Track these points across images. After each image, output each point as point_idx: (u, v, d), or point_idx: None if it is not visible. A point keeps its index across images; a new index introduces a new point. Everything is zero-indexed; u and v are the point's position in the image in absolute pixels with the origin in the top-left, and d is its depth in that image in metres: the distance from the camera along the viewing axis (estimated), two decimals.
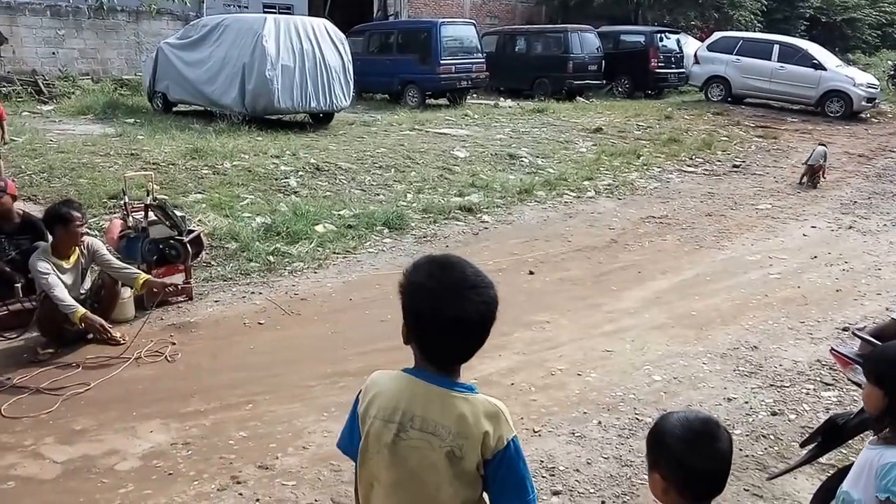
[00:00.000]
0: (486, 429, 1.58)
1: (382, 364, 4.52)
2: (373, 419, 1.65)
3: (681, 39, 20.49)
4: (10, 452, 3.57)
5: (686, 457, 1.61)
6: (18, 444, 3.65)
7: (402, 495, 1.64)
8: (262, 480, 3.38)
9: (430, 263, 1.65)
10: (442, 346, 1.63)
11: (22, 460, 3.51)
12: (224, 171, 8.71)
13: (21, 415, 3.92)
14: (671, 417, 1.68)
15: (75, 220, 4.75)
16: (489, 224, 8.04)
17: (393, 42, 17.38)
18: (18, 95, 14.09)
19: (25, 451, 3.59)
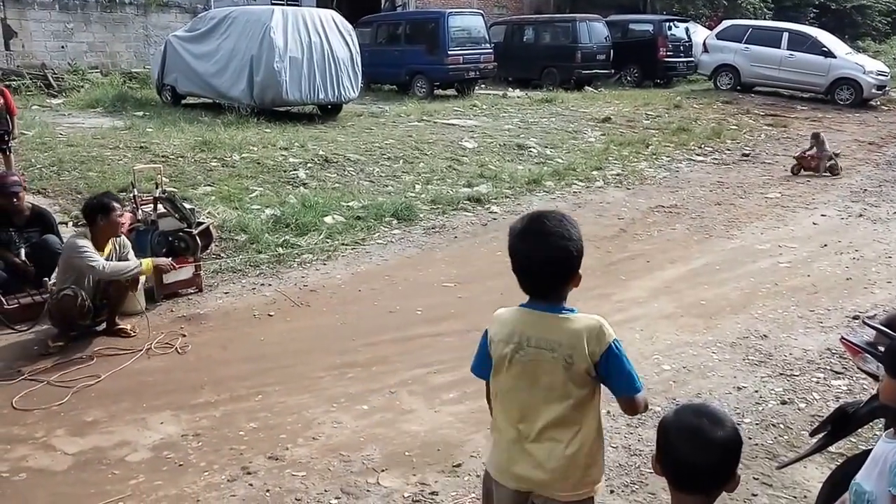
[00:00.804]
0: (588, 338, 1.98)
1: (391, 355, 4.61)
2: (497, 343, 2.09)
3: (689, 28, 20.32)
4: (21, 444, 3.60)
5: (673, 448, 1.64)
6: (30, 436, 3.68)
7: (524, 398, 2.07)
8: (272, 471, 3.40)
9: (525, 218, 2.06)
10: (537, 281, 2.04)
11: (33, 452, 3.54)
12: (233, 164, 8.73)
13: (32, 407, 3.95)
14: (677, 411, 1.70)
15: (116, 210, 4.78)
16: (498, 215, 8.02)
17: (401, 33, 17.32)
18: (28, 89, 14.15)
19: (37, 442, 3.62)
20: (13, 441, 3.62)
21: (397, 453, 3.55)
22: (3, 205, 5.36)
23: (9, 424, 3.78)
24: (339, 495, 3.23)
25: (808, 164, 10.05)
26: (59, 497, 3.19)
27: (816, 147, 10.14)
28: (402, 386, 4.23)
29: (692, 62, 19.38)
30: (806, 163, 10.05)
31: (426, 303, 5.54)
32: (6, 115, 7.61)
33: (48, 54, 15.82)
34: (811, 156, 10.09)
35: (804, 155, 10.13)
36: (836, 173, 10.06)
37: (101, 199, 4.82)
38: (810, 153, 10.11)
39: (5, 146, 7.61)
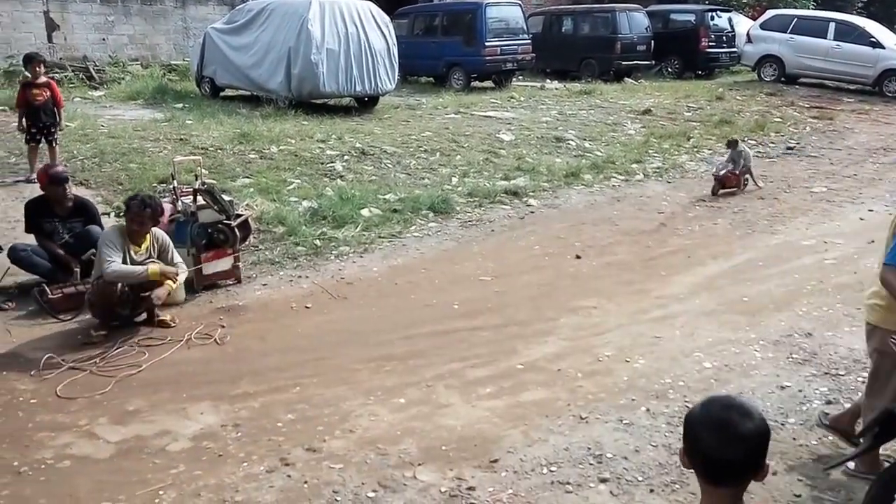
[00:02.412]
0: None
1: (428, 348, 4.60)
2: None
3: (732, 18, 19.85)
4: (65, 432, 3.67)
5: (701, 440, 1.61)
6: (73, 423, 3.75)
7: None
8: (310, 463, 3.41)
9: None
10: None
11: (77, 440, 3.60)
12: (271, 156, 8.79)
13: (76, 395, 4.02)
14: (703, 404, 1.67)
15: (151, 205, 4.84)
16: (535, 208, 7.95)
17: (438, 24, 17.23)
18: (70, 81, 14.41)
19: (80, 430, 3.69)
20: (57, 429, 3.69)
21: (434, 447, 3.54)
22: (51, 195, 5.46)
23: (53, 412, 3.85)
24: (375, 488, 3.23)
25: (730, 183, 8.62)
26: (102, 484, 3.24)
27: (734, 159, 8.71)
28: (439, 380, 4.21)
29: (735, 53, 18.92)
30: (728, 182, 8.59)
31: (463, 296, 5.52)
32: (53, 108, 7.75)
33: (89, 47, 16.10)
34: (731, 174, 8.61)
35: (727, 174, 8.56)
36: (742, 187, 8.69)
37: (141, 194, 4.90)
38: (730, 170, 8.62)
39: (52, 138, 7.76)
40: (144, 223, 4.83)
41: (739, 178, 8.62)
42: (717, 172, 8.61)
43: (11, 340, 4.70)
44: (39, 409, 3.89)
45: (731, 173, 8.58)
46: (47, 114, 7.68)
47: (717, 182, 8.55)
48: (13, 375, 4.24)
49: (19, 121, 7.73)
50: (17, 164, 8.15)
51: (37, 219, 5.52)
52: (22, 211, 5.79)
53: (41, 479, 3.28)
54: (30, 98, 7.61)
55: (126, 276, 4.69)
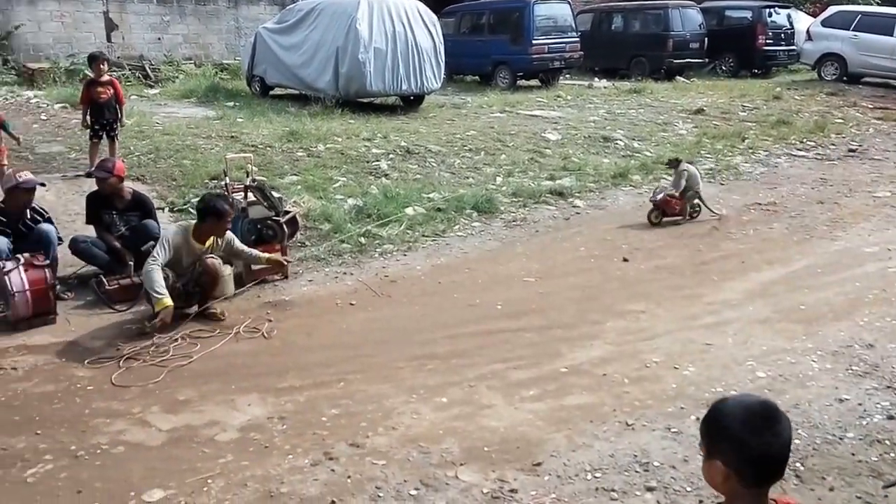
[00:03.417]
0: None
1: (471, 348, 4.58)
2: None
3: (791, 15, 19.28)
4: (119, 419, 3.77)
5: (750, 440, 1.56)
6: (127, 411, 3.85)
7: None
8: (353, 458, 3.43)
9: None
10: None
11: (130, 427, 3.70)
12: (318, 154, 8.90)
13: (130, 384, 4.13)
14: (727, 402, 1.63)
15: (227, 216, 4.99)
16: (581, 209, 7.86)
17: (485, 22, 17.21)
18: (127, 80, 14.83)
19: (133, 418, 3.79)
20: (112, 415, 3.80)
21: (476, 448, 3.52)
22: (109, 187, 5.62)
23: (108, 399, 3.96)
24: (418, 486, 3.23)
25: (672, 209, 7.31)
26: (153, 471, 3.32)
27: (676, 180, 7.40)
28: (481, 380, 4.20)
29: (794, 51, 18.43)
30: (669, 207, 7.29)
31: (506, 297, 5.48)
32: (115, 105, 7.98)
33: (146, 46, 16.55)
34: (671, 197, 7.28)
35: (666, 198, 7.27)
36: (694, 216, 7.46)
37: (217, 203, 5.00)
38: (669, 193, 7.29)
39: (113, 134, 7.99)
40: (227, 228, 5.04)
41: (683, 204, 7.31)
42: (654, 197, 7.27)
43: (70, 329, 4.86)
44: (95, 395, 4.01)
45: (670, 197, 7.22)
46: (110, 111, 7.91)
47: (654, 208, 7.23)
48: (71, 363, 4.38)
49: (83, 117, 7.97)
50: (77, 160, 8.43)
51: (97, 211, 5.69)
52: (81, 204, 5.99)
53: (97, 464, 3.38)
54: (94, 95, 7.84)
55: (146, 283, 4.73)
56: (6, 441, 3.55)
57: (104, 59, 8.23)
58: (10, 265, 4.90)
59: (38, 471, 3.32)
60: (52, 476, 3.29)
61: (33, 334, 4.78)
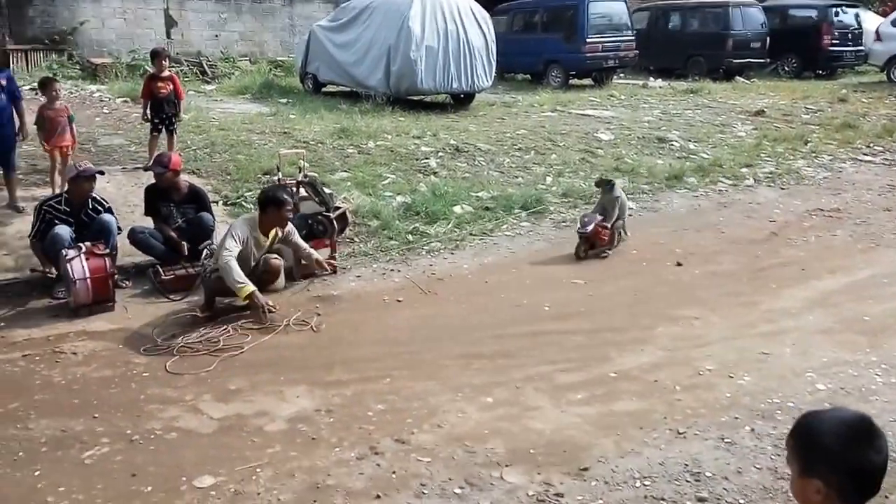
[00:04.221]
0: None
1: (517, 349, 4.55)
2: None
3: (859, 14, 18.58)
4: (173, 406, 3.86)
5: (853, 458, 1.50)
6: (180, 398, 3.94)
7: None
8: (399, 454, 3.44)
9: None
10: None
11: (183, 414, 3.79)
12: (368, 151, 8.95)
13: (183, 371, 4.23)
14: (821, 417, 1.57)
15: (287, 206, 5.09)
16: (633, 211, 7.67)
17: (537, 21, 17.08)
18: (185, 75, 15.19)
19: (186, 405, 3.87)
20: (166, 402, 3.89)
21: (521, 449, 3.49)
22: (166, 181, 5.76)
23: (163, 386, 4.06)
24: (462, 485, 3.22)
25: (601, 240, 6.28)
26: (205, 458, 3.39)
27: (606, 206, 6.39)
28: (528, 382, 4.16)
29: (861, 52, 17.77)
30: (599, 239, 6.27)
31: (554, 298, 5.42)
32: (174, 100, 8.18)
33: (203, 43, 16.96)
34: (602, 227, 6.25)
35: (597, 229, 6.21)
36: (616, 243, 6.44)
37: (277, 193, 5.13)
38: (599, 222, 6.23)
39: (172, 128, 8.19)
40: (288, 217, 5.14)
41: (613, 233, 6.32)
42: (583, 228, 6.17)
43: (127, 317, 5.01)
44: (150, 382, 4.12)
45: (601, 226, 6.18)
46: (169, 105, 8.10)
47: (582, 240, 6.20)
48: (128, 349, 4.51)
49: (143, 111, 8.18)
50: (136, 152, 8.65)
51: (155, 203, 5.84)
52: (140, 196, 6.15)
53: (150, 448, 3.47)
54: (154, 90, 8.03)
55: (226, 276, 4.82)
56: (66, 423, 3.67)
57: (166, 55, 8.44)
58: (73, 253, 5.06)
59: (94, 453, 3.43)
60: (108, 459, 3.39)
61: (92, 321, 4.93)
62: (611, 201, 6.37)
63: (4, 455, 3.40)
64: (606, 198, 6.43)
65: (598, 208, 6.46)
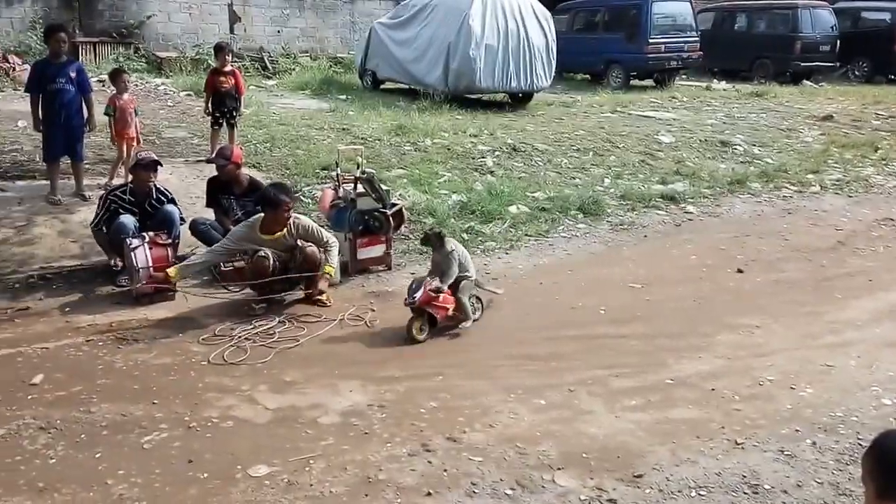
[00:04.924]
0: None
1: (571, 352, 4.50)
2: None
3: None
4: (229, 395, 3.94)
5: None
6: (237, 388, 4.02)
7: None
8: (450, 452, 3.44)
9: None
10: None
11: (239, 403, 3.86)
12: (425, 149, 8.98)
13: (240, 362, 4.32)
14: None
15: (283, 206, 5.12)
16: (694, 215, 7.55)
17: (599, 20, 16.89)
18: (247, 70, 15.49)
19: (242, 395, 3.95)
20: (223, 391, 3.98)
21: (574, 453, 3.45)
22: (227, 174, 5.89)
23: (220, 375, 4.16)
24: (514, 486, 3.20)
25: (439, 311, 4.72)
26: (259, 447, 3.45)
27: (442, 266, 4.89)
28: (582, 385, 4.10)
29: None
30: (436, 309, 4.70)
31: (610, 302, 5.35)
32: (235, 94, 8.34)
33: (265, 38, 17.27)
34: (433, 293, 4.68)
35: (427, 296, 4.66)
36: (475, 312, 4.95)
37: (270, 192, 5.19)
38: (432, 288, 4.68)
39: (233, 121, 8.35)
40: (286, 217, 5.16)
41: (459, 300, 4.82)
42: (411, 299, 4.68)
43: (188, 307, 5.13)
44: (208, 371, 4.22)
45: (431, 293, 4.66)
46: (230, 99, 8.26)
47: (415, 314, 4.69)
48: (187, 338, 4.63)
49: (206, 104, 8.38)
50: (199, 145, 8.87)
51: (216, 195, 5.97)
52: (202, 188, 6.30)
53: (207, 436, 3.55)
54: (217, 84, 8.20)
55: None
56: (126, 408, 3.77)
57: (229, 51, 8.62)
58: (137, 242, 5.21)
59: (153, 438, 3.52)
60: (166, 444, 3.47)
61: (154, 309, 5.08)
62: (445, 258, 4.86)
63: (68, 437, 3.51)
64: (438, 255, 4.94)
65: (433, 269, 4.98)
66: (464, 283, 4.89)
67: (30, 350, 4.39)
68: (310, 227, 5.30)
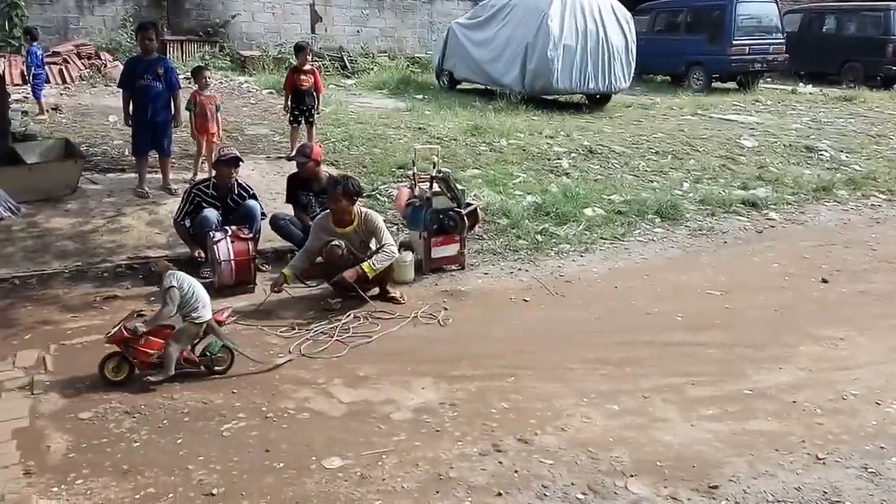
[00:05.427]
0: None
1: (646, 358, 4.43)
2: None
3: None
4: (306, 387, 4.04)
5: None
6: (313, 380, 4.12)
7: None
8: (521, 453, 3.44)
9: None
10: None
11: (315, 396, 3.96)
12: (500, 149, 8.99)
13: (316, 355, 4.42)
14: None
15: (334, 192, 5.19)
16: (776, 222, 7.30)
17: (681, 21, 16.50)
18: (327, 69, 15.87)
19: (318, 388, 4.04)
20: (299, 383, 4.09)
21: (648, 461, 3.40)
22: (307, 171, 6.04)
23: (297, 368, 4.27)
24: (585, 491, 3.18)
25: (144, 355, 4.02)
26: (333, 440, 3.53)
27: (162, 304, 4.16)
28: (656, 392, 4.04)
29: None
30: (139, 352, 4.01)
31: (687, 308, 5.23)
32: (314, 93, 8.56)
33: (345, 38, 17.63)
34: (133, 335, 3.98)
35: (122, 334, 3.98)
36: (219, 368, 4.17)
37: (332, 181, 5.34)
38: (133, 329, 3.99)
39: (312, 119, 8.57)
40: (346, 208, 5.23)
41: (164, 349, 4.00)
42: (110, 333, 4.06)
43: (266, 299, 5.27)
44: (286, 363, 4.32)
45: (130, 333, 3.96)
46: (309, 98, 8.48)
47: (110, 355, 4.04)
48: (266, 331, 4.76)
49: (285, 102, 8.62)
50: (279, 142, 9.15)
51: (295, 191, 6.14)
52: (282, 184, 6.49)
53: (283, 426, 3.65)
54: (297, 83, 8.42)
55: None
56: (207, 396, 3.91)
57: (309, 50, 8.84)
58: (220, 236, 5.40)
59: (232, 426, 3.63)
60: (244, 433, 3.58)
61: (234, 301, 5.21)
62: (167, 295, 4.04)
63: (151, 422, 3.65)
64: (161, 290, 4.13)
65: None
66: (181, 329, 4.07)
67: None
68: (376, 223, 5.32)
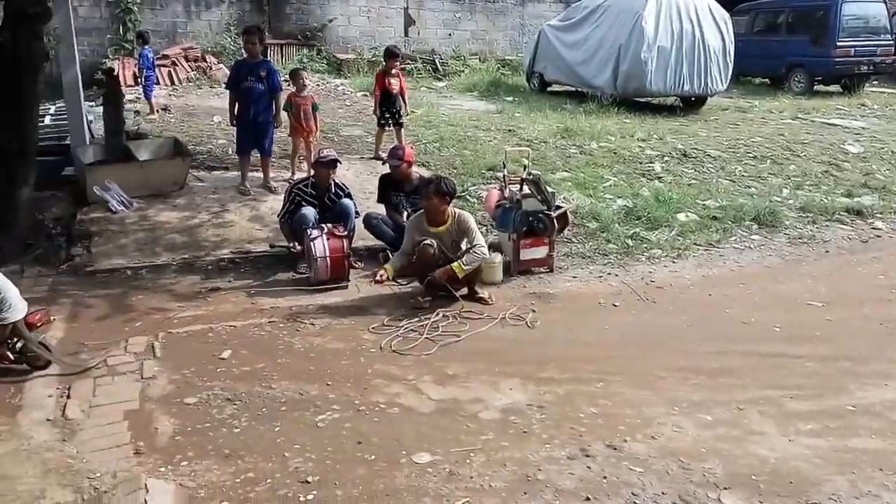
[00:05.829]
0: None
1: (741, 368, 4.31)
2: None
3: None
4: (396, 383, 4.14)
5: None
6: (403, 376, 4.22)
7: None
8: (610, 459, 3.41)
9: None
10: None
11: (405, 391, 4.05)
12: (590, 152, 8.90)
13: (407, 352, 4.52)
14: None
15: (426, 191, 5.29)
16: (883, 232, 6.92)
17: (781, 21, 15.82)
18: (419, 72, 16.12)
19: (408, 384, 4.13)
20: (390, 378, 4.19)
21: (742, 474, 3.31)
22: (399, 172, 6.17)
23: (388, 363, 4.38)
24: (676, 501, 3.12)
25: None
26: (422, 436, 3.60)
27: None
28: (752, 404, 3.91)
29: None
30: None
31: (786, 319, 5.04)
32: (399, 96, 8.72)
33: (437, 41, 17.84)
34: None
35: None
36: None
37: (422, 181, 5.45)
38: None
39: (401, 121, 8.75)
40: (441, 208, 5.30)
41: None
42: None
43: (359, 295, 5.45)
44: (377, 358, 4.45)
45: None
46: (397, 100, 8.65)
47: None
48: (358, 326, 4.90)
49: (375, 105, 8.82)
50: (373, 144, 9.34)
51: (387, 192, 6.29)
52: (375, 184, 6.66)
53: (375, 420, 3.75)
54: (387, 86, 8.63)
55: None
56: (303, 387, 4.06)
57: (399, 55, 9.02)
58: (316, 233, 5.60)
59: (326, 417, 3.75)
60: (338, 424, 3.70)
61: (328, 296, 5.41)
62: None
63: (251, 409, 3.82)
64: None
65: None
66: None
67: (219, 327, 4.82)
68: (469, 223, 5.38)
